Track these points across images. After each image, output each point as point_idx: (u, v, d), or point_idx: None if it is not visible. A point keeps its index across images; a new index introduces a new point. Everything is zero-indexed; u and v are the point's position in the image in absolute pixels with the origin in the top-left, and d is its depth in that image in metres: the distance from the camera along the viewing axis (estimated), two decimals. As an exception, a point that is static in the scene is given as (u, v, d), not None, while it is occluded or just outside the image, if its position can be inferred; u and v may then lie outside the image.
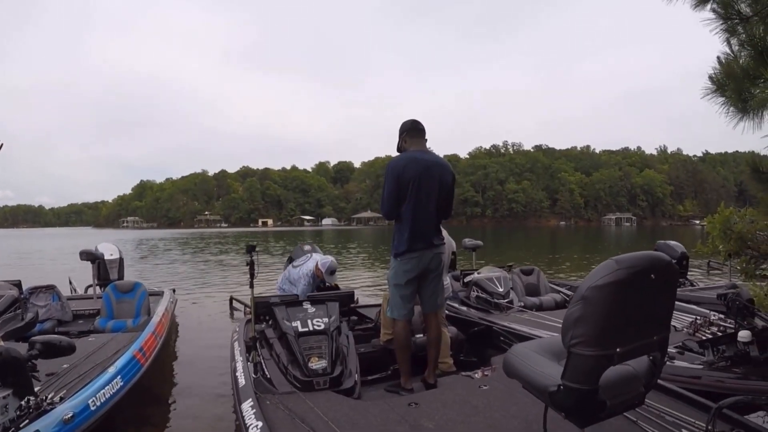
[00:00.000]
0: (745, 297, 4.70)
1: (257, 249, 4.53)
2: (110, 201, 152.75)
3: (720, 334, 4.62)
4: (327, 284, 6.71)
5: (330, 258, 6.55)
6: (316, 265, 6.46)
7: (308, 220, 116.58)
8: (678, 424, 2.97)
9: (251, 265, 4.48)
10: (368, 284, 14.39)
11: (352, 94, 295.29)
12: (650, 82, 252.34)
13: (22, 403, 2.79)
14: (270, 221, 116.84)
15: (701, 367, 3.98)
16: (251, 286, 4.55)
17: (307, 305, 4.81)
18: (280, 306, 4.78)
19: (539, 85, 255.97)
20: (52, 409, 3.02)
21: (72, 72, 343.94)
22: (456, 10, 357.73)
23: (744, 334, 3.95)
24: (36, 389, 2.98)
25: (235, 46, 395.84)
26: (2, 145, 4.32)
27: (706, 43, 3.90)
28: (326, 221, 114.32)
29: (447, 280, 5.11)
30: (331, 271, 6.46)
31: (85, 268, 8.19)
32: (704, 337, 4.64)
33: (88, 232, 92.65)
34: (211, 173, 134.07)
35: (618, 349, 2.09)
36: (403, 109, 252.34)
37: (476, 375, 4.20)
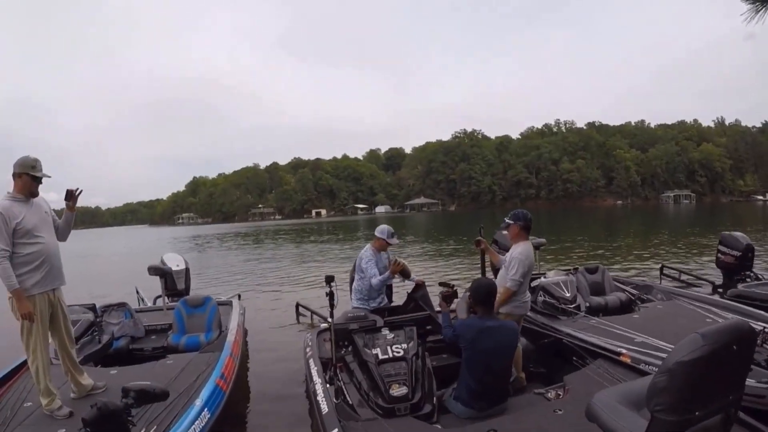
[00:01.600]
0: None
1: (335, 279, 4.62)
2: (165, 198, 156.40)
3: (790, 345, 4.56)
4: (389, 257, 6.82)
5: (382, 225, 6.69)
6: (375, 239, 6.65)
7: (361, 209, 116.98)
8: None
9: (331, 296, 4.58)
10: (428, 274, 14.42)
11: (400, 80, 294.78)
12: (704, 52, 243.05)
13: None
14: (323, 211, 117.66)
15: (767, 385, 3.89)
16: (331, 316, 4.62)
17: (385, 331, 4.89)
18: (360, 333, 4.87)
19: (590, 58, 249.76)
20: (149, 451, 3.16)
21: (123, 73, 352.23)
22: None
23: None
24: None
25: (282, 38, 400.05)
26: (81, 191, 4.52)
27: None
28: (379, 209, 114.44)
29: (527, 294, 5.20)
30: (391, 234, 6.58)
31: (148, 274, 8.42)
32: (773, 352, 4.57)
33: (144, 230, 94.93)
34: (262, 166, 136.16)
35: (697, 413, 2.21)
36: (450, 93, 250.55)
37: (549, 394, 4.26)
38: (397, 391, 4.11)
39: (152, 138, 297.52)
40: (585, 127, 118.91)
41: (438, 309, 6.20)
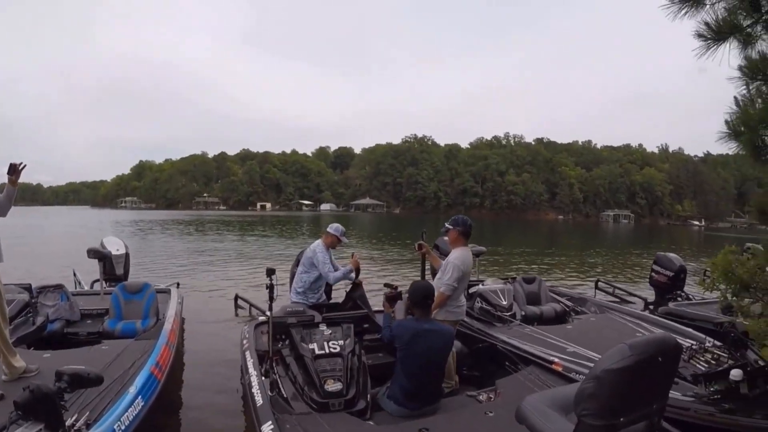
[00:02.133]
0: (741, 329, 4.85)
1: (276, 272, 4.62)
2: (109, 180, 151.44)
3: (714, 362, 4.79)
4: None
5: (335, 224, 6.84)
6: (326, 234, 6.74)
7: (307, 205, 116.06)
8: None
9: (271, 288, 4.58)
10: (368, 275, 14.46)
11: (355, 81, 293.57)
12: (653, 80, 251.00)
13: None
14: (268, 205, 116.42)
15: (692, 399, 4.08)
16: (270, 309, 4.61)
17: (323, 327, 4.92)
18: (298, 327, 4.89)
19: (542, 80, 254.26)
20: (81, 436, 3.11)
21: (74, 52, 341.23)
22: (461, 4, 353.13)
23: (736, 373, 4.05)
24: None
25: (237, 29, 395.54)
26: (25, 165, 4.38)
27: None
28: (324, 206, 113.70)
29: (462, 299, 5.30)
30: (343, 232, 6.77)
31: (87, 257, 8.28)
32: (698, 364, 4.81)
33: (86, 211, 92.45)
34: (210, 155, 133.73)
35: (622, 419, 2.34)
36: (405, 98, 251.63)
37: (481, 397, 4.38)
38: (332, 386, 4.17)
39: (101, 118, 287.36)
40: (533, 143, 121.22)
41: (376, 309, 6.29)
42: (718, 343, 5.19)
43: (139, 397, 4.01)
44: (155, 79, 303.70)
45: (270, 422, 3.57)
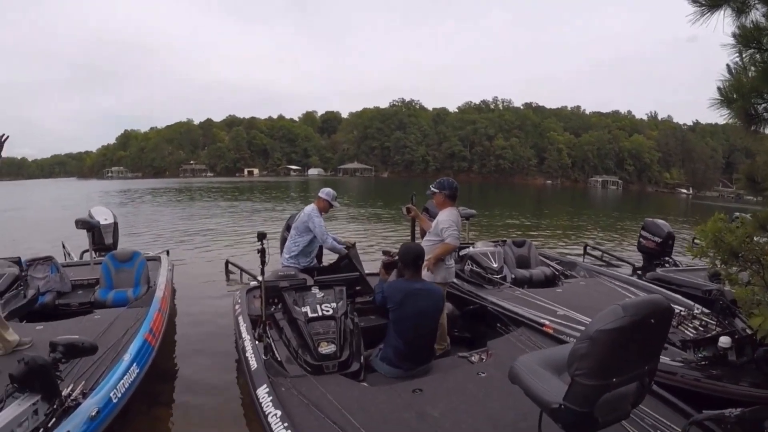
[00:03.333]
0: (729, 297, 4.91)
1: (267, 236, 4.61)
2: (94, 151, 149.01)
3: (702, 329, 4.85)
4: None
5: (326, 188, 6.87)
6: (318, 198, 6.78)
7: (294, 170, 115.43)
8: (656, 426, 3.19)
9: (263, 252, 4.57)
10: (359, 237, 14.52)
11: (340, 45, 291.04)
12: (643, 48, 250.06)
13: (53, 407, 2.92)
14: (256, 171, 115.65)
15: (680, 364, 4.13)
16: (262, 273, 4.61)
17: (315, 290, 4.91)
18: (290, 291, 4.88)
19: (530, 42, 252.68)
20: (77, 405, 3.14)
21: (53, 23, 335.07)
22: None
23: (724, 341, 4.13)
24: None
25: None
26: (8, 137, 4.30)
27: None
28: (312, 171, 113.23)
29: (451, 260, 5.31)
30: (335, 197, 6.83)
31: (75, 228, 8.24)
32: (686, 330, 4.87)
33: (72, 183, 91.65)
34: (196, 122, 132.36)
35: (614, 379, 2.39)
36: (391, 62, 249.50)
37: (473, 358, 4.44)
38: (326, 348, 4.19)
39: (84, 90, 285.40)
40: (522, 107, 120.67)
41: (367, 272, 6.32)
42: (706, 310, 5.25)
43: (134, 364, 4.03)
44: (136, 48, 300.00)
45: (265, 385, 3.62)
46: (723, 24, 3.51)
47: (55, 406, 2.93)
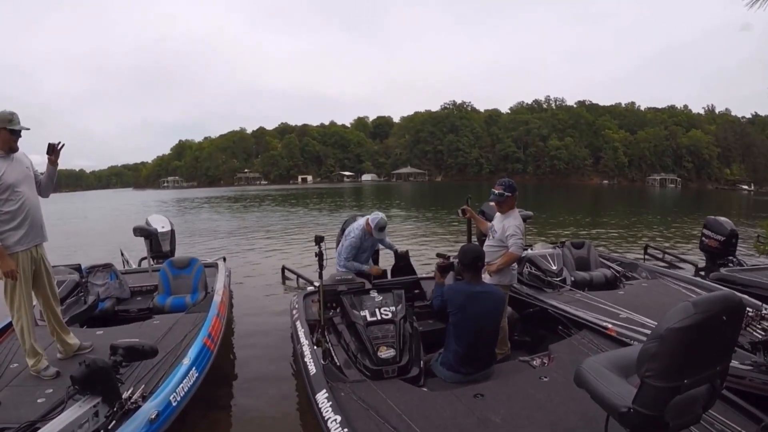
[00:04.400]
0: None
1: (325, 240, 4.60)
2: (150, 162, 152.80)
3: (772, 330, 4.63)
4: (379, 246, 6.90)
5: (379, 214, 6.52)
6: (366, 221, 6.50)
7: (348, 176, 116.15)
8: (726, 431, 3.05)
9: (320, 256, 4.55)
10: (413, 242, 14.55)
11: (392, 49, 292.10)
12: (700, 40, 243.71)
13: (113, 409, 2.93)
14: (309, 177, 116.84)
15: (749, 368, 3.95)
16: (320, 276, 4.60)
17: (374, 293, 4.89)
18: (348, 295, 4.87)
19: (582, 38, 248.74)
20: (137, 408, 3.16)
21: (104, 37, 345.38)
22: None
23: None
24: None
25: (268, 3, 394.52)
26: (64, 144, 4.38)
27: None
28: (366, 177, 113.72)
29: (514, 264, 5.20)
30: (380, 228, 6.41)
31: (134, 236, 8.44)
32: (755, 332, 4.64)
33: (129, 193, 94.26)
34: (249, 131, 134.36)
35: (686, 381, 2.27)
36: (441, 64, 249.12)
37: (534, 362, 4.33)
38: (385, 353, 4.15)
39: (138, 101, 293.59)
40: (575, 106, 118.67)
41: (421, 276, 6.25)
42: None
43: (194, 368, 4.05)
44: (189, 59, 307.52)
45: (324, 390, 3.58)
46: None
47: (115, 409, 2.95)
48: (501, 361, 4.62)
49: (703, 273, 8.82)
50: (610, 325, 4.85)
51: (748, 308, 5.03)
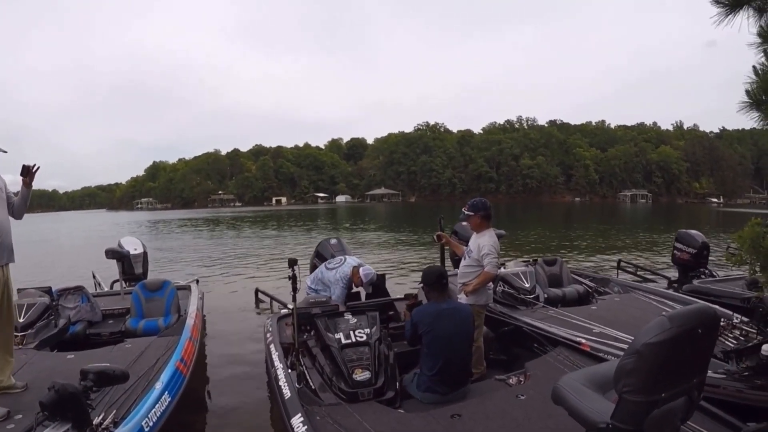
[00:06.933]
0: None
1: (298, 262, 4.59)
2: (123, 183, 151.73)
3: (743, 338, 4.75)
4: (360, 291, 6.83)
5: (370, 268, 6.58)
6: (355, 271, 6.48)
7: (322, 198, 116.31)
8: None
9: (293, 279, 4.54)
10: (387, 265, 14.55)
11: (364, 71, 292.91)
12: (666, 57, 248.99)
13: None
14: (284, 199, 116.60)
15: (723, 376, 4.01)
16: (294, 299, 4.58)
17: (348, 316, 4.88)
18: (322, 317, 4.85)
19: (553, 61, 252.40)
20: (109, 436, 3.08)
21: (80, 55, 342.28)
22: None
23: (767, 348, 4.01)
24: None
25: (244, 24, 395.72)
26: (39, 167, 4.34)
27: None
28: (340, 198, 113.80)
29: (490, 284, 5.23)
30: (371, 283, 6.50)
31: (106, 259, 8.35)
32: (727, 341, 4.75)
33: (102, 215, 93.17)
34: (223, 152, 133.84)
35: (663, 395, 2.28)
36: (415, 86, 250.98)
37: (511, 380, 4.35)
38: (361, 375, 4.13)
39: (112, 121, 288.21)
40: (546, 125, 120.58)
41: (397, 297, 6.26)
42: (745, 319, 5.13)
43: (166, 392, 3.97)
44: (162, 80, 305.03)
45: (299, 414, 3.54)
46: (747, 24, 3.46)
47: (85, 435, 2.90)
48: (477, 380, 4.62)
49: (676, 285, 8.97)
50: (583, 341, 4.88)
51: (720, 318, 5.12)
